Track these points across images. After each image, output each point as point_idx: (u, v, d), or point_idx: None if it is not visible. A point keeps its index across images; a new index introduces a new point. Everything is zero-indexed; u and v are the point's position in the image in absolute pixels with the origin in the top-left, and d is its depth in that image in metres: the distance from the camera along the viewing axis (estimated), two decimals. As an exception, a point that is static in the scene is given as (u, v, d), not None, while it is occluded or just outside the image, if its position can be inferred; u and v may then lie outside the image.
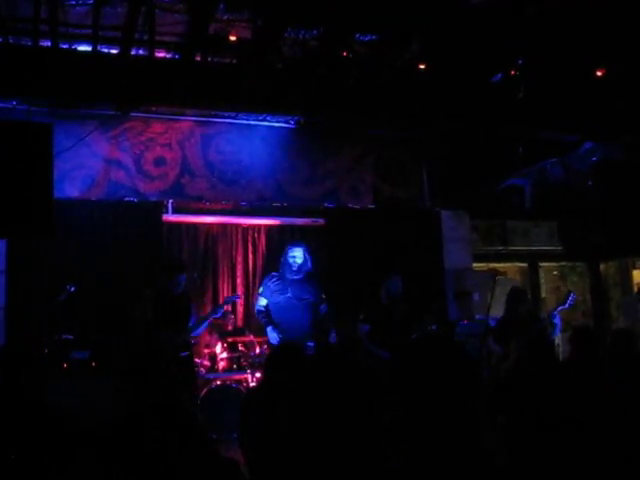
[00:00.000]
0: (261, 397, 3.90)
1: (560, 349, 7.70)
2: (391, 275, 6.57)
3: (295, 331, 6.20)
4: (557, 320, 6.21)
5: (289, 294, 6.42)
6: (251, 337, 7.25)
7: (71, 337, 6.19)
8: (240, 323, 7.86)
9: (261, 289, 6.64)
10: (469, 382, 1.82)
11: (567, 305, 6.38)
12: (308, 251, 6.54)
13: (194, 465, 3.07)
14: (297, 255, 6.45)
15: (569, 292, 6.60)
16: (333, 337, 6.30)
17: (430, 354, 1.85)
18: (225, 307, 6.86)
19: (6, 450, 3.22)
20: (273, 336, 6.26)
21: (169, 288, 6.02)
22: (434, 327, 6.60)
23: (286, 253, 6.54)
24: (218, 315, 6.46)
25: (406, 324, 6.34)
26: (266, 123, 7.59)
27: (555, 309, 6.38)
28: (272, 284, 6.51)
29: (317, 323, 6.40)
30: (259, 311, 6.53)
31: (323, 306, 6.52)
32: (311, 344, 6.05)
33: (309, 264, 6.48)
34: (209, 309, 7.74)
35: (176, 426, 3.37)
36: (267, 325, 6.36)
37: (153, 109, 7.09)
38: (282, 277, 6.48)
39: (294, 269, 6.40)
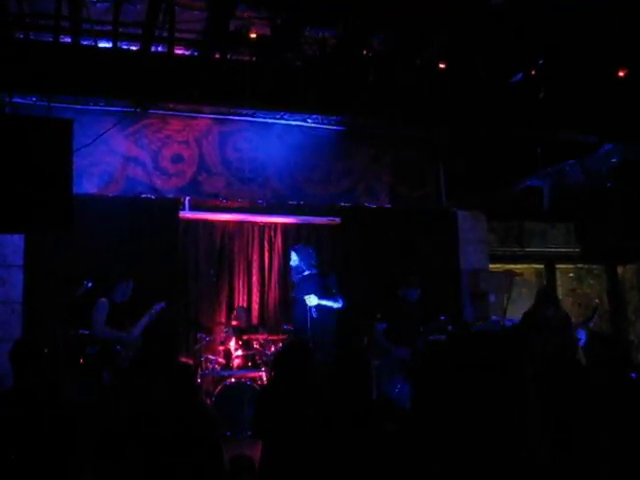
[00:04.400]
0: (274, 391, 3.94)
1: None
2: (410, 283, 6.57)
3: (298, 329, 6.49)
4: (582, 335, 6.15)
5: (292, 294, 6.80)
6: (266, 335, 7.25)
7: (87, 333, 6.21)
8: (255, 321, 7.87)
9: None
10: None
11: (591, 324, 6.36)
12: (302, 253, 6.64)
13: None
14: (292, 259, 6.71)
15: (595, 309, 6.55)
16: None
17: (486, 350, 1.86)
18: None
19: (18, 445, 3.24)
20: None
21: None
22: (450, 328, 6.56)
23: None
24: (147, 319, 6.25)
25: (423, 324, 6.35)
26: (283, 121, 7.56)
27: (580, 324, 6.35)
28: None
29: None
30: None
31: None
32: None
33: (304, 266, 6.57)
34: (225, 306, 7.83)
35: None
36: None
37: (171, 106, 7.10)
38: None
39: (292, 272, 6.75)
